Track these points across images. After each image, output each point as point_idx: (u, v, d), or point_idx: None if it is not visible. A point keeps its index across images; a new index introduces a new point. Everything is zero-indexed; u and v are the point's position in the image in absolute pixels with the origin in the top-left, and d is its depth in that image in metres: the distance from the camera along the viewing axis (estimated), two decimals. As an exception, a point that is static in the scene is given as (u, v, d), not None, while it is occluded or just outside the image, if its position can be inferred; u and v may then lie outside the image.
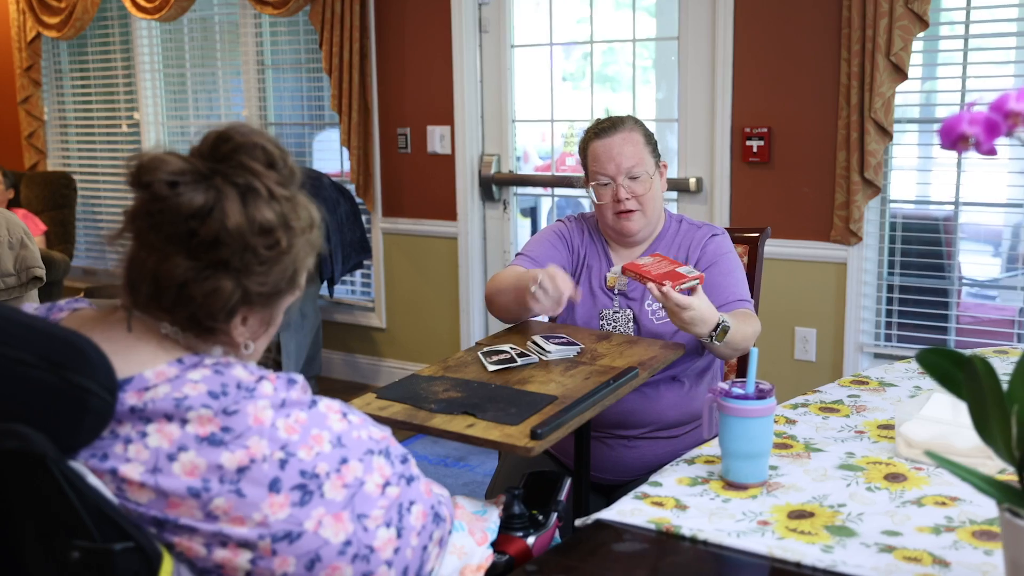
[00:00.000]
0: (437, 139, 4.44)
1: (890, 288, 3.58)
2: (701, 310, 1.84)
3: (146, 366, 1.11)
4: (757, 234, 2.44)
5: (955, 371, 1.09)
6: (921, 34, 3.28)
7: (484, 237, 4.47)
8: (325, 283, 4.31)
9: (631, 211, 2.14)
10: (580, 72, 4.18)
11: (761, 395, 1.47)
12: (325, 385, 4.71)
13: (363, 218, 4.70)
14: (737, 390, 1.47)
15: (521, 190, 4.42)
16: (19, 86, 5.80)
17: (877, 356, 3.59)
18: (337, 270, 4.11)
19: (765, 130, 3.61)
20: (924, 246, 3.54)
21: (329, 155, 4.97)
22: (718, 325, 1.87)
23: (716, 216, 3.77)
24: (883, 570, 1.20)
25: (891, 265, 3.58)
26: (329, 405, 1.17)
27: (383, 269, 4.72)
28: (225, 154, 1.11)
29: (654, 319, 2.12)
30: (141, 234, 1.12)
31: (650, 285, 1.85)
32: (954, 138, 0.94)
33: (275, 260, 1.13)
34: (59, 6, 5.44)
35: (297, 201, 1.16)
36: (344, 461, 1.13)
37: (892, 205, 3.56)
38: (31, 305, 1.30)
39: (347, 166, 4.66)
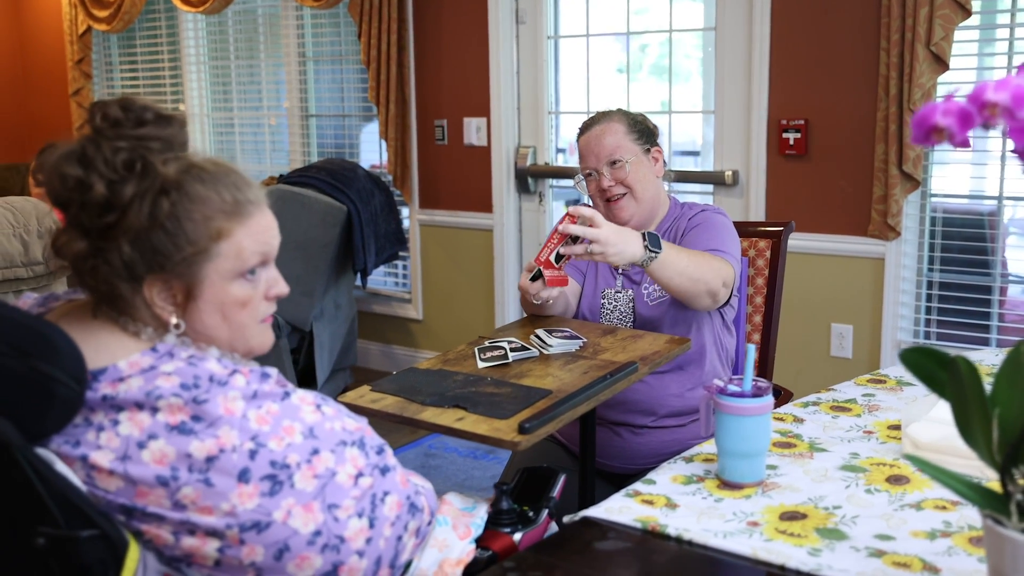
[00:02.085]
0: (473, 131, 4.43)
1: (930, 284, 3.49)
2: (614, 227, 1.84)
3: (119, 356, 1.12)
4: (780, 228, 2.39)
5: (939, 371, 1.06)
6: (970, 23, 3.19)
7: (520, 229, 4.46)
8: (359, 274, 4.32)
9: (619, 197, 2.15)
10: (637, 64, 4.13)
11: (758, 393, 1.43)
12: (361, 375, 4.74)
13: (402, 209, 4.72)
14: (733, 387, 1.44)
15: (557, 182, 4.40)
16: (71, 78, 5.92)
17: (916, 354, 3.50)
18: (370, 261, 4.12)
19: (802, 122, 3.54)
20: (966, 241, 3.44)
21: (371, 146, 4.99)
22: (645, 235, 1.86)
23: (752, 209, 3.70)
24: (869, 575, 1.16)
25: (931, 261, 3.48)
26: (303, 397, 1.17)
27: (420, 261, 4.73)
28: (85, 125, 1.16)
29: (648, 301, 2.12)
30: None
31: (554, 240, 1.87)
32: (926, 130, 0.90)
33: (105, 209, 1.10)
34: (108, 0, 5.54)
35: (139, 153, 1.12)
36: (315, 452, 1.13)
37: (933, 199, 3.47)
38: (30, 295, 1.32)
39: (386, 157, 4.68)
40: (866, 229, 3.47)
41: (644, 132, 2.20)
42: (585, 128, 2.23)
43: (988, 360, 2.06)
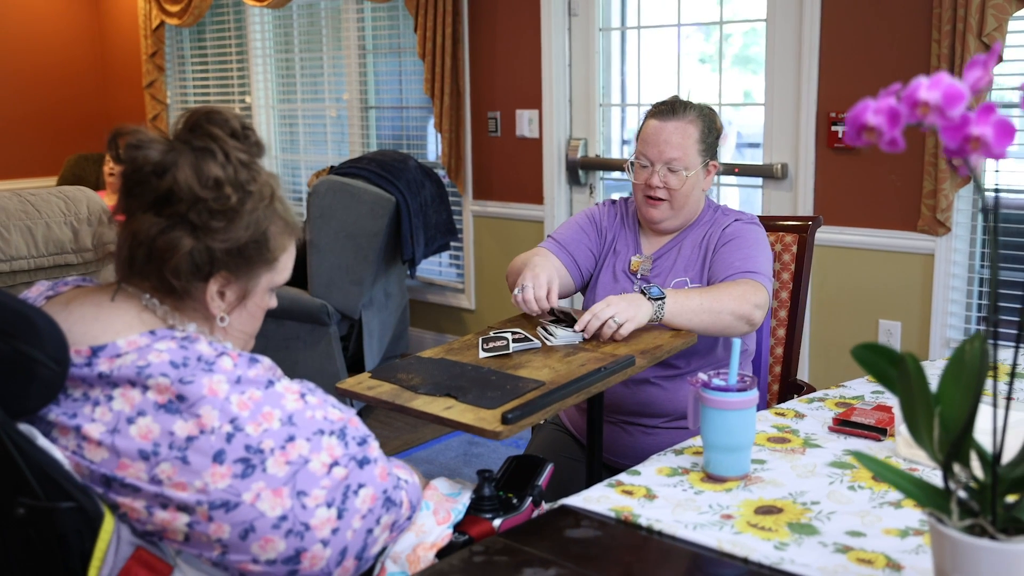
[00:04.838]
0: (526, 123, 4.46)
1: (981, 282, 3.41)
2: (616, 298, 1.85)
3: (120, 335, 1.19)
4: (807, 223, 2.37)
5: (890, 368, 1.06)
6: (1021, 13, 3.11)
7: (570, 221, 4.47)
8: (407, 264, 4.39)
9: (659, 200, 2.11)
10: (719, 54, 4.09)
11: (743, 387, 1.44)
12: (414, 364, 4.81)
13: (457, 201, 4.78)
14: (718, 381, 1.45)
15: (608, 174, 4.40)
16: (145, 71, 6.13)
17: (966, 352, 3.42)
18: (418, 251, 4.18)
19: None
20: (1021, 238, 3.34)
21: (428, 138, 5.06)
22: (642, 291, 1.88)
23: (800, 203, 3.66)
24: (830, 571, 1.17)
25: (983, 257, 3.40)
26: (288, 386, 1.22)
27: (473, 251, 4.78)
28: (193, 125, 1.21)
29: None
30: (123, 202, 1.22)
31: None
32: (858, 128, 0.90)
33: (229, 215, 1.19)
34: (179, -6, 5.72)
35: (257, 170, 1.23)
36: (291, 439, 1.17)
37: (986, 194, 3.37)
38: (43, 282, 1.40)
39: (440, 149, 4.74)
40: (915, 224, 3.40)
41: (712, 144, 2.12)
42: (658, 113, 2.12)
43: None
